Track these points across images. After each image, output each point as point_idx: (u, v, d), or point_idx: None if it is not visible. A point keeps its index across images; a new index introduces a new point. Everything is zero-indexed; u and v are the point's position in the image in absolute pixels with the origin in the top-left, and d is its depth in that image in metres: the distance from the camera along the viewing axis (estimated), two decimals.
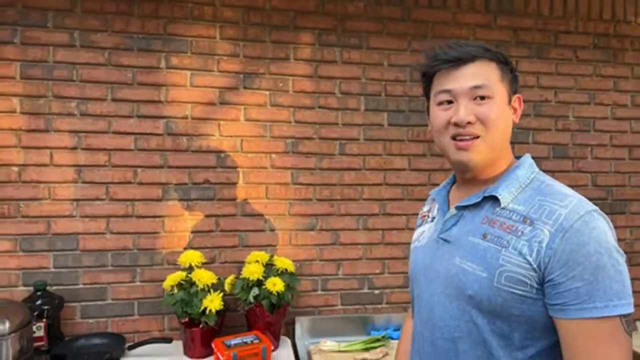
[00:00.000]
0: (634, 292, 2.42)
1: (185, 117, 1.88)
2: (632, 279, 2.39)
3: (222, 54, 1.90)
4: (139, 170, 1.84)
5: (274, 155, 1.96)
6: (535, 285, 0.82)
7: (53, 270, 1.79)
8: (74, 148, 1.80)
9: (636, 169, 2.24)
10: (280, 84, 1.95)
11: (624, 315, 0.78)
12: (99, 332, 1.79)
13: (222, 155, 1.91)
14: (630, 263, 2.42)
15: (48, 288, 1.73)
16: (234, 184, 1.93)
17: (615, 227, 0.87)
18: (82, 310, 1.81)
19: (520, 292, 0.82)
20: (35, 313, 1.60)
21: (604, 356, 0.78)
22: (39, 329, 1.62)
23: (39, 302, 1.67)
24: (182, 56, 1.87)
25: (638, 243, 2.25)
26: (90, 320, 1.82)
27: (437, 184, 1.19)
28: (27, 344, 1.43)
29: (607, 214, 0.87)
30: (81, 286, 1.81)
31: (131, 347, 1.69)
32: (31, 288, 1.72)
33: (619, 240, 0.84)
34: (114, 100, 1.82)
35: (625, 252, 2.43)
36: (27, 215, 1.77)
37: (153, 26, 1.84)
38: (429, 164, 2.07)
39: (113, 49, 1.81)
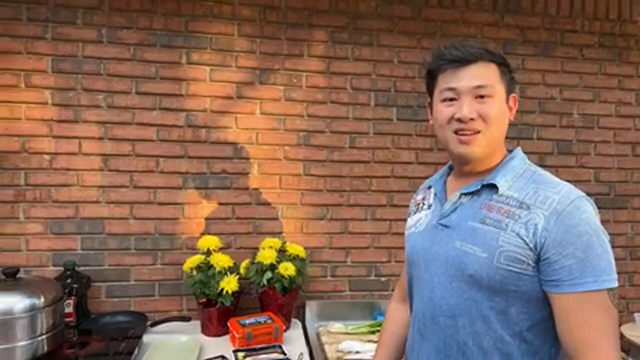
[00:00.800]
0: (635, 285, 2.48)
1: (205, 110, 1.98)
2: (633, 273, 2.44)
3: (239, 50, 2.00)
4: (161, 159, 1.96)
5: (287, 148, 2.06)
6: (532, 264, 0.90)
7: (81, 252, 1.91)
8: (101, 138, 1.91)
9: (638, 165, 2.29)
10: (294, 80, 2.04)
11: (611, 289, 0.87)
12: (122, 310, 1.92)
13: (239, 146, 2.02)
14: (631, 257, 2.48)
15: (76, 268, 1.85)
16: (249, 174, 2.03)
17: (617, 222, 0.96)
18: (107, 289, 1.94)
19: (517, 270, 0.91)
20: (65, 291, 1.73)
21: (596, 324, 0.86)
22: (68, 306, 1.75)
23: (68, 280, 1.79)
24: (202, 52, 1.97)
25: (639, 237, 2.31)
26: (115, 299, 1.95)
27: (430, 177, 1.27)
28: (58, 319, 1.55)
29: (609, 209, 0.96)
30: (106, 267, 1.94)
31: (153, 325, 1.81)
32: (61, 268, 1.84)
33: (621, 235, 0.92)
34: (138, 93, 1.93)
35: (627, 246, 2.48)
36: (57, 200, 1.89)
37: (175, 23, 1.95)
38: (435, 157, 2.16)
39: (138, 45, 1.92)
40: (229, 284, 1.75)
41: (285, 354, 1.58)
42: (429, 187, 1.17)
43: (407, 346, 1.16)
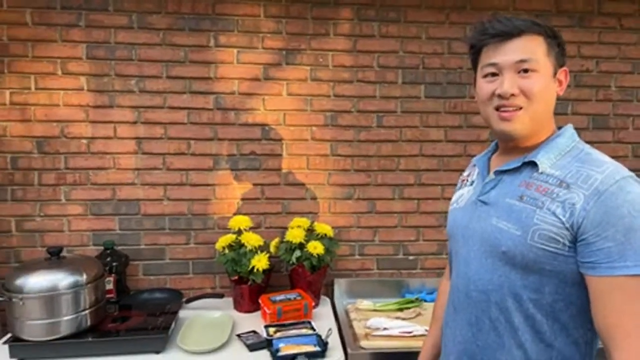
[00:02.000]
0: None
1: (233, 93, 2.01)
2: None
3: (265, 31, 2.01)
4: (192, 142, 2.01)
5: (314, 128, 2.07)
6: (568, 244, 0.88)
7: (119, 232, 2.00)
8: (134, 122, 1.97)
9: None
10: (321, 59, 2.04)
11: None
12: (159, 287, 2.01)
13: (267, 128, 2.04)
14: None
15: (115, 247, 1.94)
16: (278, 155, 2.06)
17: None
18: (144, 268, 2.03)
19: (552, 249, 0.89)
20: (106, 268, 1.82)
21: (632, 311, 0.83)
22: (108, 283, 1.84)
23: (108, 259, 1.88)
24: (229, 35, 1.99)
25: None
26: (152, 277, 2.03)
27: (473, 155, 1.26)
28: (100, 295, 1.63)
29: None
30: (143, 246, 2.02)
31: (188, 301, 1.88)
32: (101, 247, 1.94)
33: None
34: (168, 77, 1.98)
35: None
36: (95, 183, 1.98)
37: (202, 7, 1.97)
38: (465, 135, 2.13)
39: (167, 30, 1.96)
40: (260, 262, 1.80)
41: (314, 329, 1.62)
42: (474, 165, 1.17)
43: (443, 320, 1.19)
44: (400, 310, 1.89)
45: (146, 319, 1.68)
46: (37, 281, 1.48)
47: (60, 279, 1.50)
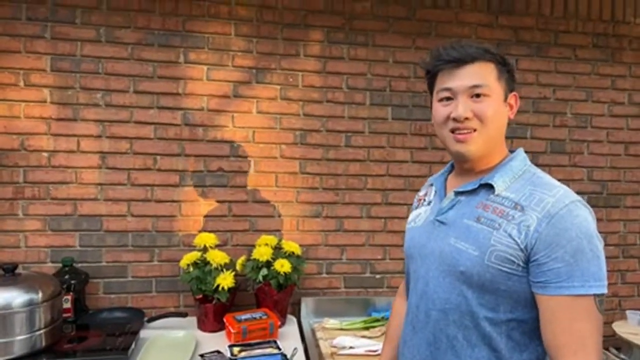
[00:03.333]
0: (627, 283, 2.50)
1: (202, 109, 2.01)
2: (626, 271, 2.46)
3: (236, 50, 2.02)
4: (158, 157, 1.98)
5: (283, 146, 2.08)
6: (521, 264, 0.91)
7: (79, 248, 1.94)
8: (99, 136, 1.94)
9: (631, 165, 2.32)
10: (291, 79, 2.07)
11: (598, 295, 0.87)
12: (120, 307, 1.94)
13: (235, 145, 2.04)
14: (623, 255, 2.50)
15: (74, 265, 1.87)
16: (246, 172, 2.06)
17: (610, 221, 0.96)
18: (104, 286, 1.96)
19: (507, 270, 0.92)
20: (64, 286, 1.75)
21: (578, 330, 0.87)
22: (66, 302, 1.77)
23: (66, 277, 1.81)
24: (199, 52, 1.99)
25: (631, 236, 2.32)
26: (112, 296, 1.97)
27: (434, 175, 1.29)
28: (57, 314, 1.57)
29: (601, 207, 0.97)
30: (104, 264, 1.96)
31: (150, 320, 1.83)
32: (59, 264, 1.87)
33: (614, 233, 0.94)
34: (135, 92, 1.96)
35: (619, 244, 2.50)
36: (55, 197, 1.91)
37: (173, 23, 1.97)
38: (430, 156, 2.18)
39: (135, 44, 1.95)
40: (225, 280, 1.78)
41: (280, 349, 1.60)
42: (431, 184, 1.20)
43: (400, 339, 1.18)
44: (367, 329, 1.90)
45: (105, 339, 1.62)
46: None
47: (15, 297, 1.44)
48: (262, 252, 1.87)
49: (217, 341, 1.72)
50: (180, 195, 2.01)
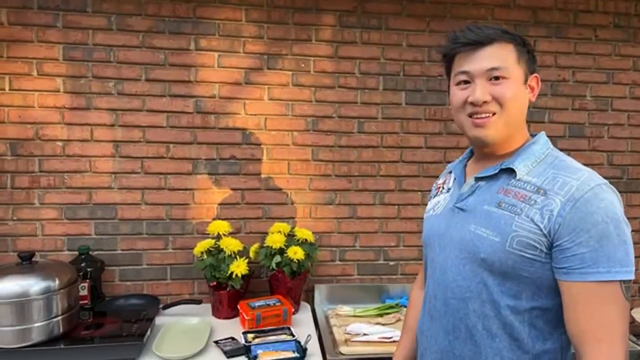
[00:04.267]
0: None
1: (213, 97, 2.00)
2: None
3: (247, 36, 2.00)
4: (171, 146, 1.98)
5: (295, 133, 2.06)
6: (545, 250, 0.89)
7: (94, 236, 1.96)
8: (112, 125, 1.94)
9: None
10: (302, 65, 2.04)
11: (624, 282, 0.84)
12: (135, 294, 1.97)
13: (247, 132, 2.03)
14: None
15: (90, 253, 1.90)
16: (258, 159, 2.05)
17: (630, 206, 0.93)
18: (120, 273, 1.99)
19: (529, 256, 0.90)
20: (80, 274, 1.77)
21: (603, 317, 0.84)
22: (83, 289, 1.79)
23: (82, 264, 1.84)
24: (210, 38, 1.98)
25: None
26: (128, 283, 1.99)
27: (453, 162, 1.27)
28: (74, 301, 1.59)
29: (622, 192, 0.93)
30: (119, 252, 1.98)
31: (165, 307, 1.85)
32: (75, 252, 1.89)
33: (635, 218, 0.90)
34: (147, 80, 1.95)
35: (639, 231, 2.42)
36: (70, 186, 1.93)
37: (183, 10, 1.95)
38: (444, 142, 2.15)
39: (146, 32, 1.94)
40: (239, 267, 1.78)
41: (293, 335, 1.61)
42: (450, 172, 1.17)
43: (418, 328, 1.17)
44: (380, 315, 1.89)
45: (121, 325, 1.64)
46: (7, 286, 1.43)
47: (32, 285, 1.46)
48: (275, 240, 1.87)
49: (231, 328, 1.74)
50: (194, 183, 2.01)
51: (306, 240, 1.93)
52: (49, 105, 1.90)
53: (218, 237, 1.88)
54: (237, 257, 1.82)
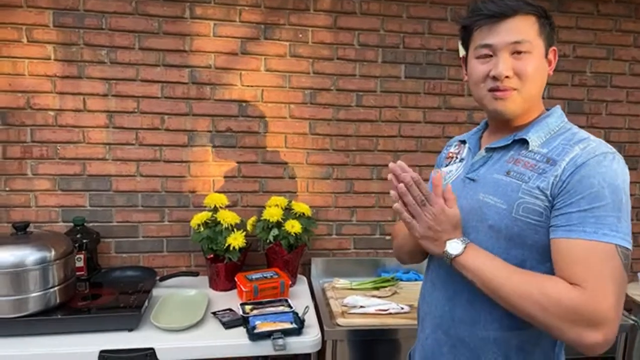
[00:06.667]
0: (639, 245, 2.45)
1: (209, 67, 1.95)
2: (638, 233, 2.42)
3: (243, 4, 1.94)
4: (166, 117, 1.95)
5: (292, 106, 2.03)
6: (549, 215, 0.90)
7: (89, 208, 1.94)
8: (105, 95, 1.90)
9: None
10: (300, 35, 2.00)
11: (620, 246, 0.83)
12: (132, 265, 1.96)
13: (243, 104, 2.00)
14: (637, 218, 2.45)
15: (85, 224, 1.88)
16: (255, 132, 2.02)
17: None
18: (116, 245, 1.97)
19: (534, 222, 0.91)
20: (76, 245, 1.75)
21: (595, 268, 0.82)
22: (79, 260, 1.78)
23: (78, 236, 1.82)
24: (206, 6, 1.92)
25: None
26: (124, 255, 1.98)
27: (451, 137, 1.26)
28: (70, 272, 1.58)
29: None
30: (115, 224, 1.96)
31: (162, 279, 1.84)
32: (70, 224, 1.87)
33: (630, 195, 0.90)
34: (141, 49, 1.90)
35: (634, 207, 2.45)
36: (64, 157, 1.90)
37: None
38: (443, 116, 2.13)
39: None
40: (236, 239, 1.78)
41: (291, 307, 1.62)
42: (464, 142, 1.17)
43: (420, 295, 1.20)
44: (377, 289, 1.91)
45: (118, 297, 1.64)
46: (2, 256, 1.41)
47: (27, 255, 1.44)
48: (272, 213, 1.86)
49: (229, 300, 1.74)
50: (189, 155, 1.98)
51: (303, 214, 1.92)
52: (40, 74, 1.85)
53: (215, 210, 1.87)
54: (234, 229, 1.82)
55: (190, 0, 1.91)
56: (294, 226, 1.83)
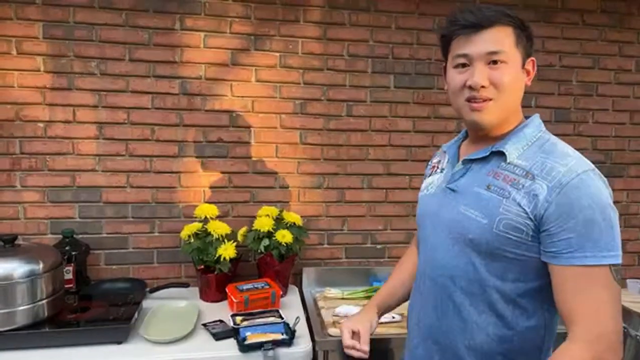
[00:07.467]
0: (628, 252, 2.50)
1: (199, 78, 1.96)
2: (627, 240, 2.46)
3: (234, 16, 1.96)
4: (156, 128, 1.95)
5: (283, 116, 2.04)
6: (531, 233, 0.91)
7: (79, 220, 1.92)
8: (95, 106, 1.89)
9: (636, 134, 2.28)
10: (290, 46, 2.01)
11: (613, 265, 0.86)
12: (122, 277, 1.94)
13: (234, 115, 2.00)
14: (624, 224, 2.49)
15: (75, 236, 1.86)
16: (246, 142, 2.03)
17: (613, 190, 0.94)
18: (106, 257, 1.96)
19: (515, 238, 0.92)
20: (65, 257, 1.74)
21: (592, 297, 0.86)
22: (67, 273, 1.77)
23: (67, 248, 1.80)
24: (196, 18, 1.93)
25: (634, 205, 2.32)
26: (114, 267, 1.97)
27: (440, 146, 1.27)
28: (58, 285, 1.56)
29: (605, 177, 0.94)
30: (104, 235, 1.95)
31: (152, 291, 1.83)
32: (59, 236, 1.86)
33: (616, 202, 0.91)
34: (131, 60, 1.90)
35: (621, 214, 2.48)
36: (53, 168, 1.89)
37: None
38: (433, 125, 2.15)
39: (130, 10, 1.88)
40: (227, 250, 1.77)
41: (282, 318, 1.61)
42: (445, 152, 1.18)
43: (408, 305, 1.21)
44: (368, 298, 1.90)
45: (107, 309, 1.62)
46: None
47: (15, 268, 1.42)
48: (263, 223, 1.86)
49: (220, 311, 1.73)
50: (180, 166, 1.98)
51: (294, 223, 1.92)
52: (30, 85, 1.84)
53: (205, 221, 1.87)
54: (225, 240, 1.81)
55: (181, 12, 1.92)
56: (285, 236, 1.83)
